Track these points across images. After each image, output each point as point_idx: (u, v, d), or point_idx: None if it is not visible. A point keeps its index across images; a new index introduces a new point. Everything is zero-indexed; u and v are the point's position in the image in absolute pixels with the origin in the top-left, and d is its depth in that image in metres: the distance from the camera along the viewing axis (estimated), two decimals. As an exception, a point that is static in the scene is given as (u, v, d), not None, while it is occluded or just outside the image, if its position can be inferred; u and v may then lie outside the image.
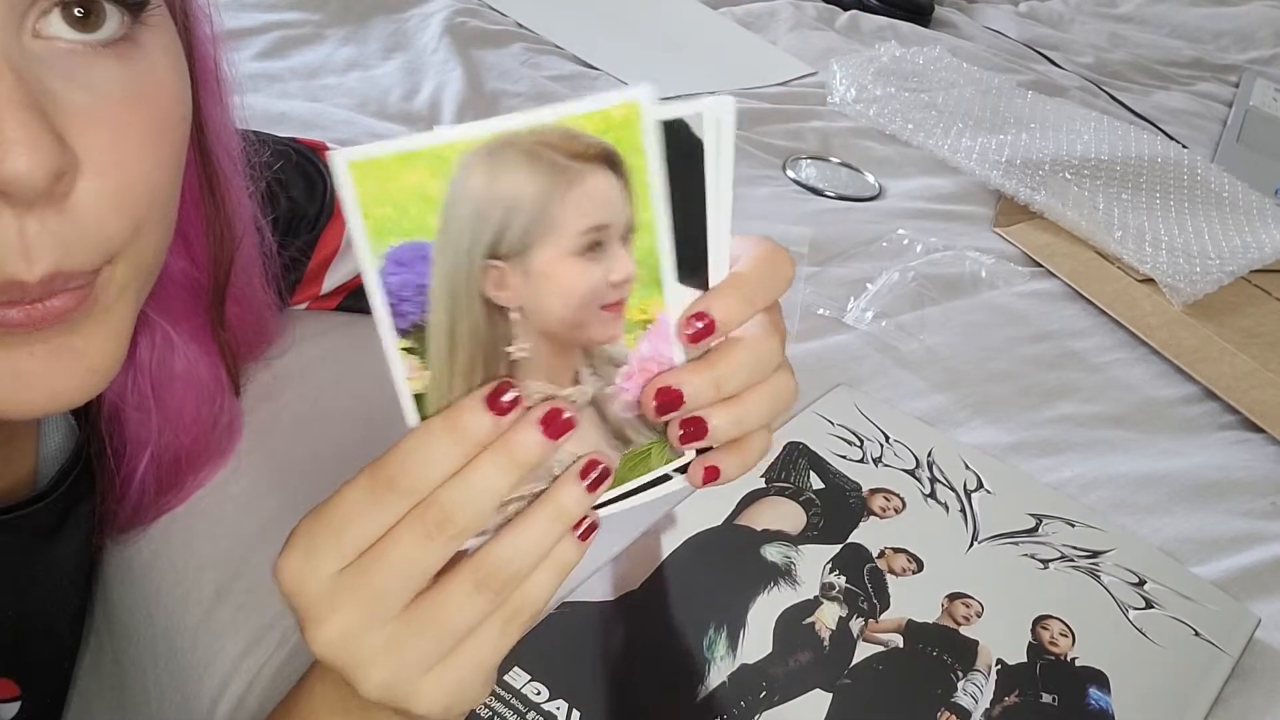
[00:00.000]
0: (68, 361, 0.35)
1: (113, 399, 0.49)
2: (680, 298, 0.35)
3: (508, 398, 0.32)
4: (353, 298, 0.66)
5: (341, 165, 0.28)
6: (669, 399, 0.35)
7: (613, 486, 0.37)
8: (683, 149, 0.33)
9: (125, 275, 0.37)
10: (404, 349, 0.31)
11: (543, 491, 0.35)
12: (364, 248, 0.29)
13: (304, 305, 0.66)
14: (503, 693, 0.47)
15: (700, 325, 0.34)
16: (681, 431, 0.36)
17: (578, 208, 0.31)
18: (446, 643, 0.33)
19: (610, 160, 0.32)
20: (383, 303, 0.30)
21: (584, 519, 0.35)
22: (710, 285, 0.35)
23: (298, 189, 0.60)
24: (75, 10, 0.33)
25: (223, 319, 0.51)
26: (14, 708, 0.49)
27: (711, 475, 0.38)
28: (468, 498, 0.32)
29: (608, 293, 0.34)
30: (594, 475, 0.35)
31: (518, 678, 0.48)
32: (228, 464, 0.57)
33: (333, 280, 0.64)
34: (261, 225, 0.51)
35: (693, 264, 0.34)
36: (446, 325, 0.31)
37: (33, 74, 0.32)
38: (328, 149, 0.63)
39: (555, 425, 0.32)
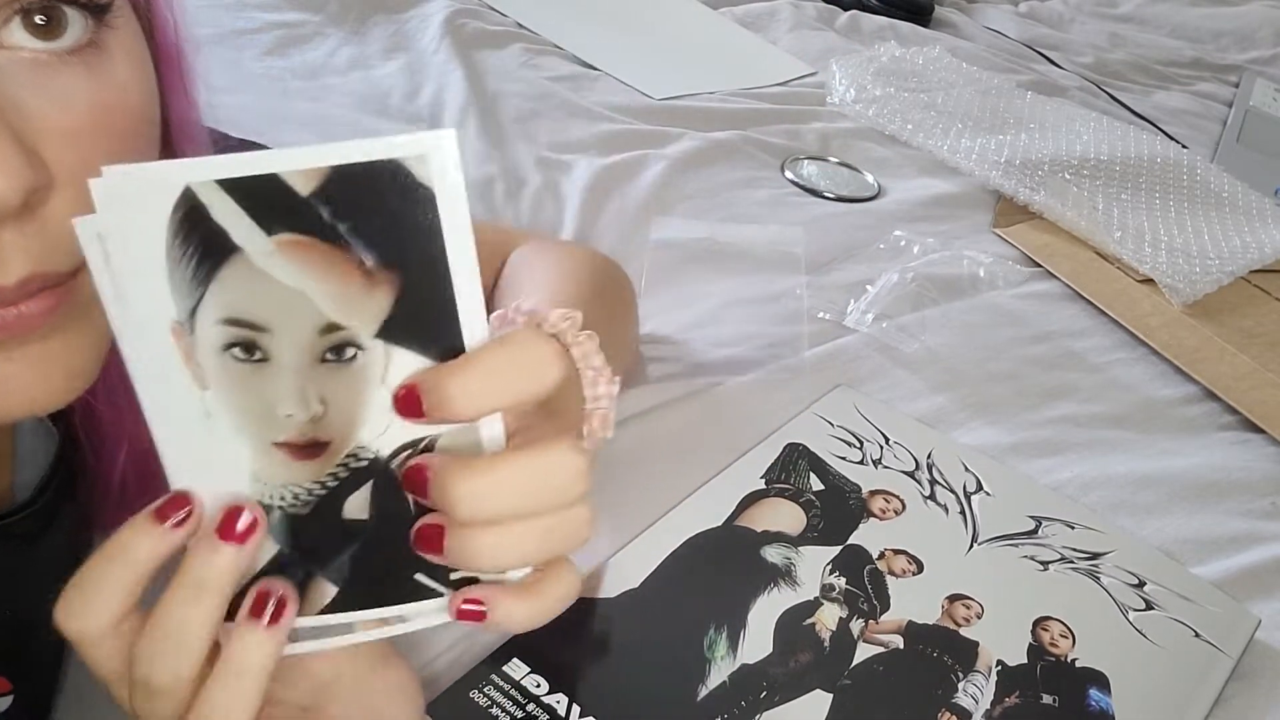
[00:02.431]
0: (47, 367, 0.35)
1: (85, 395, 0.49)
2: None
3: (178, 515, 0.30)
4: None
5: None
6: (414, 477, 0.30)
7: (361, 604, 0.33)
8: (403, 199, 0.28)
9: None
10: None
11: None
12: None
13: None
14: (502, 683, 0.47)
15: (403, 394, 0.29)
16: (415, 537, 0.31)
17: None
18: None
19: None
20: None
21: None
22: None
23: None
24: (36, 18, 0.32)
25: None
26: (6, 702, 0.49)
27: (470, 615, 0.32)
28: (159, 648, 0.31)
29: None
30: (269, 609, 0.31)
31: (517, 669, 0.48)
32: None
33: None
34: None
35: (446, 340, 0.29)
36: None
37: (19, 87, 0.31)
38: None
39: (244, 533, 0.30)
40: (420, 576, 0.32)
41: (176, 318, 0.29)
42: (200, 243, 0.28)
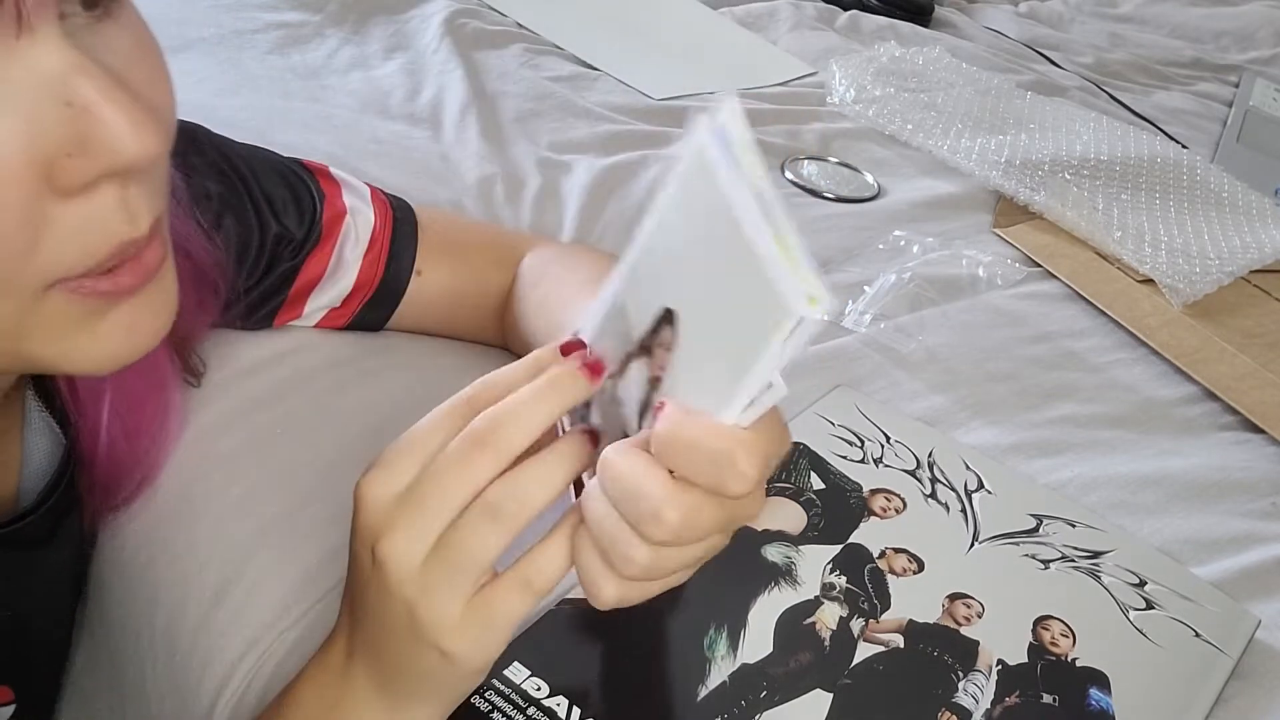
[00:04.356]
0: (147, 310, 0.37)
1: None
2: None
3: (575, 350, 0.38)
4: (364, 313, 0.65)
5: None
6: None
7: None
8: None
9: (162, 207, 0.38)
10: None
11: None
12: None
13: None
14: (502, 687, 0.47)
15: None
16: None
17: None
18: (463, 569, 0.36)
19: None
20: None
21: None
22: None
23: (290, 215, 0.59)
24: None
25: None
26: (8, 711, 0.49)
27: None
28: (511, 415, 0.36)
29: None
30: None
31: (518, 673, 0.48)
32: (179, 412, 0.57)
33: (316, 305, 0.63)
34: (181, 191, 0.51)
35: None
36: None
37: (94, 55, 0.32)
38: (328, 173, 0.62)
39: (593, 369, 0.38)
40: None
41: None
42: None
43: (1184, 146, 1.23)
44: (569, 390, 0.37)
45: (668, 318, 0.35)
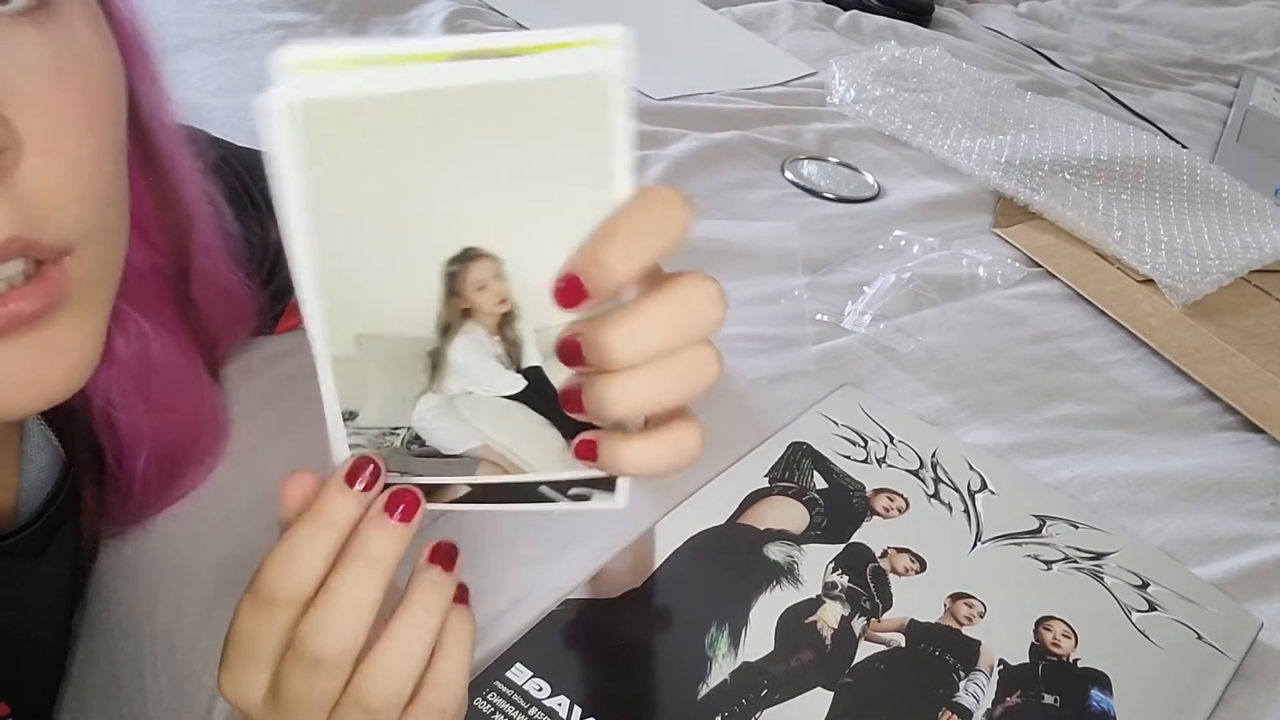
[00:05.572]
0: (45, 357, 0.34)
1: (100, 404, 0.48)
2: None
3: (367, 472, 0.33)
4: None
5: None
6: (567, 348, 0.31)
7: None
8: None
9: (91, 268, 0.35)
10: None
11: None
12: None
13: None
14: (504, 688, 0.47)
15: (564, 285, 0.30)
16: (562, 399, 0.32)
17: None
18: None
19: None
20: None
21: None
22: None
23: None
24: None
25: (190, 302, 0.49)
26: None
27: (584, 453, 0.33)
28: (334, 620, 0.32)
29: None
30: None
31: (519, 674, 0.48)
32: (222, 453, 0.56)
33: None
34: (216, 201, 0.49)
35: None
36: None
37: None
38: None
39: (407, 509, 0.32)
40: (544, 489, 0.35)
41: None
42: None
43: (1184, 146, 1.22)
44: (387, 558, 0.32)
45: (460, 270, 0.31)
